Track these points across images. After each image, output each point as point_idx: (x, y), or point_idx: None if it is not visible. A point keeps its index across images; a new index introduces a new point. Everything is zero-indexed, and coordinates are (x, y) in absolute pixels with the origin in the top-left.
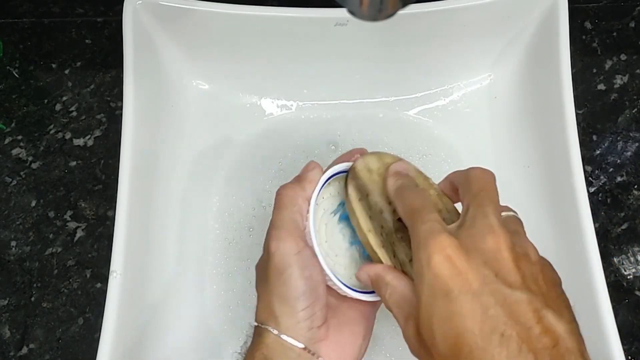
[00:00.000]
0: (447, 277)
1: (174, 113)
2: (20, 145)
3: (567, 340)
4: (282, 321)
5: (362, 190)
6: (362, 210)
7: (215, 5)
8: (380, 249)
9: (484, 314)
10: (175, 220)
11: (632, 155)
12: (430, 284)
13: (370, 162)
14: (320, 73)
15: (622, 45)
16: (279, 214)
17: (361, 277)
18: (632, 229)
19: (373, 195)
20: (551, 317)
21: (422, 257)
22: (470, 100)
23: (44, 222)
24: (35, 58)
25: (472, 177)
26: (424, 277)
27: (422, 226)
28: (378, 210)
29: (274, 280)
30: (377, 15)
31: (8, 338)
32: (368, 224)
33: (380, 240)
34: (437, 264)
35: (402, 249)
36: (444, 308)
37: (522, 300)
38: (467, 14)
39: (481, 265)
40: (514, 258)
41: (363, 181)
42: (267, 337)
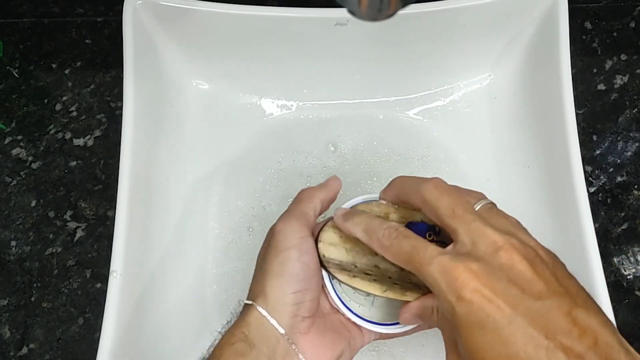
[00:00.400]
0: (479, 309)
1: (174, 113)
2: (20, 145)
3: (604, 334)
4: (270, 299)
5: (346, 266)
6: (362, 281)
7: (215, 5)
8: (405, 294)
9: (524, 335)
10: (175, 220)
11: (632, 155)
12: (464, 318)
13: (327, 237)
14: (320, 73)
15: (622, 45)
16: (294, 205)
17: (409, 320)
18: (632, 229)
19: (359, 260)
20: (582, 315)
21: (449, 295)
22: (470, 100)
23: (44, 222)
24: (35, 58)
25: (431, 198)
26: (456, 312)
27: (430, 268)
28: (373, 267)
29: (272, 258)
30: (377, 15)
31: (8, 338)
32: (377, 287)
33: (399, 288)
34: (467, 297)
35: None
36: (484, 339)
37: (552, 307)
38: (467, 14)
39: (507, 286)
40: (530, 266)
41: (339, 259)
42: (251, 314)
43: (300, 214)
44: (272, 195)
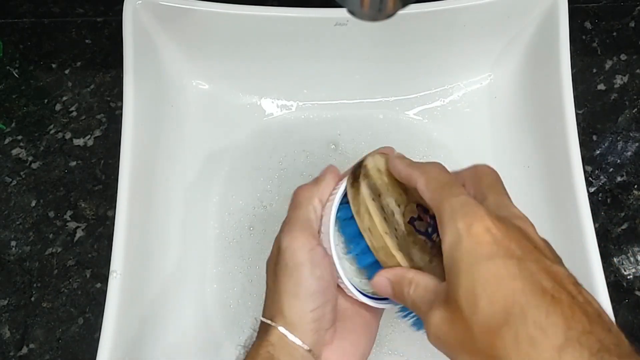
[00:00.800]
0: (489, 243)
1: (174, 113)
2: (20, 145)
3: (606, 315)
4: (290, 319)
5: (375, 190)
6: (377, 210)
7: (215, 5)
8: (398, 253)
9: (531, 276)
10: (176, 220)
11: (632, 155)
12: (472, 250)
13: (378, 161)
14: (320, 73)
15: (622, 45)
16: (294, 212)
17: (380, 283)
18: (632, 229)
19: (384, 196)
20: (587, 293)
21: (461, 225)
22: (470, 100)
23: (44, 222)
24: (35, 58)
25: (482, 172)
26: (463, 244)
27: (455, 198)
28: (390, 212)
29: (284, 278)
30: (377, 15)
31: (8, 338)
32: (384, 225)
33: (396, 244)
34: (479, 231)
35: (417, 253)
36: (490, 271)
37: (562, 272)
38: (467, 14)
39: (520, 238)
40: (542, 240)
41: (374, 181)
42: (273, 334)
43: (303, 222)
44: (273, 195)
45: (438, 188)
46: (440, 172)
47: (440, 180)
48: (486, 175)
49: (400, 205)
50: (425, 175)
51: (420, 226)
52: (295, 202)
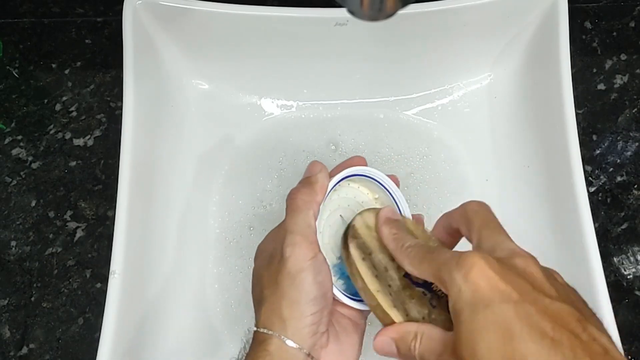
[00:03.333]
0: (486, 289)
1: (174, 113)
2: (20, 145)
3: (615, 352)
4: (289, 325)
5: (365, 249)
6: (367, 270)
7: (215, 5)
8: (392, 310)
9: (530, 320)
10: (176, 220)
11: (632, 155)
12: (470, 299)
13: (368, 218)
14: (320, 73)
15: (622, 45)
16: (294, 218)
17: (384, 343)
18: (632, 229)
19: (376, 253)
20: (594, 329)
21: (457, 276)
22: (470, 100)
23: (44, 222)
24: (35, 58)
25: (471, 210)
26: (462, 294)
27: (444, 256)
28: (383, 268)
29: (286, 285)
30: (377, 15)
31: (8, 338)
32: (375, 284)
33: (390, 300)
34: (475, 277)
35: (414, 307)
36: (487, 319)
37: (563, 309)
38: (467, 14)
39: (516, 277)
40: (545, 275)
41: (364, 239)
42: (270, 344)
43: (304, 228)
44: (273, 195)
45: (423, 261)
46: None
47: (422, 254)
48: (476, 213)
49: (393, 259)
50: (407, 256)
51: (417, 278)
52: (294, 206)
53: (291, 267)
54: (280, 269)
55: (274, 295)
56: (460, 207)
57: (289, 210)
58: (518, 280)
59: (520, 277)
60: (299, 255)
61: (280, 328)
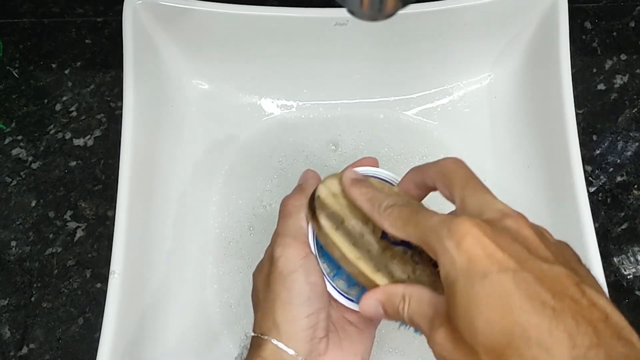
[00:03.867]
0: (482, 257)
1: (174, 113)
2: (20, 145)
3: (615, 314)
4: (283, 329)
5: (336, 218)
6: (342, 238)
7: (215, 5)
8: (376, 274)
9: (529, 289)
10: (175, 220)
11: (632, 155)
12: (465, 269)
13: (332, 185)
14: (320, 73)
15: (622, 45)
16: (285, 222)
17: (369, 306)
18: (632, 229)
19: (348, 220)
20: (592, 292)
21: (449, 244)
22: (470, 100)
23: (44, 222)
24: (35, 58)
25: (447, 168)
26: (456, 264)
27: (431, 220)
28: (358, 234)
29: (278, 286)
30: (377, 15)
31: (8, 338)
32: (354, 251)
33: (373, 265)
34: (469, 246)
35: (398, 267)
36: (484, 290)
37: (561, 273)
38: (467, 14)
39: (511, 242)
40: (538, 236)
41: (332, 208)
42: (265, 349)
43: (295, 231)
44: (273, 195)
45: (407, 223)
46: (401, 208)
47: (405, 216)
48: (455, 171)
49: (368, 222)
50: (386, 219)
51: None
52: (285, 212)
53: (282, 268)
54: (272, 271)
55: (267, 299)
56: (435, 164)
57: (280, 216)
58: (513, 245)
59: (515, 241)
60: (290, 256)
61: (274, 333)
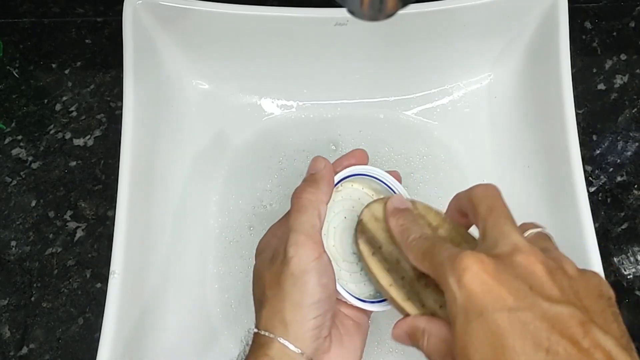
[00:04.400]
0: (479, 294)
1: (174, 113)
2: (20, 145)
3: (620, 356)
4: (291, 329)
5: (374, 244)
6: (378, 264)
7: (215, 5)
8: (407, 302)
9: (524, 329)
10: (175, 220)
11: (632, 155)
12: (463, 306)
13: (376, 210)
14: (320, 73)
15: (622, 45)
16: (298, 218)
17: (400, 336)
18: (632, 229)
19: (386, 246)
20: (597, 332)
21: (451, 280)
22: (470, 100)
23: (44, 222)
24: (35, 58)
25: (476, 197)
26: (457, 300)
27: (440, 255)
28: (394, 260)
29: (289, 286)
30: (377, 15)
31: (8, 338)
32: (387, 278)
33: (404, 293)
34: (468, 282)
35: (430, 296)
36: (480, 329)
37: (563, 313)
38: (467, 14)
39: (513, 279)
40: (547, 271)
41: (372, 233)
42: (271, 347)
43: (309, 228)
44: (273, 195)
45: (425, 257)
46: (423, 241)
47: (424, 249)
48: (481, 200)
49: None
50: (411, 250)
51: None
52: (299, 205)
53: (295, 268)
54: (283, 270)
55: (276, 297)
56: (467, 191)
57: (293, 209)
58: (515, 282)
59: (518, 278)
60: (303, 256)
61: (282, 331)
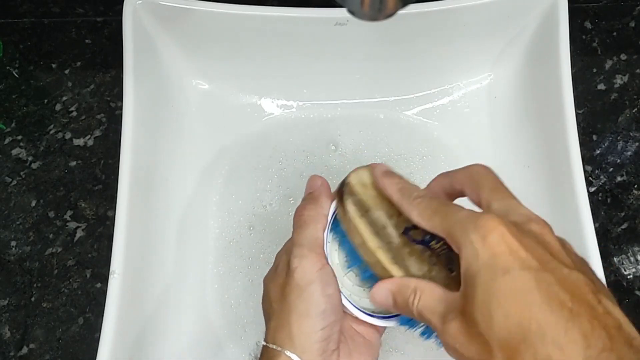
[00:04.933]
0: (505, 254)
1: (174, 113)
2: (20, 145)
3: (627, 325)
4: (298, 341)
5: (362, 206)
6: (366, 227)
7: (215, 5)
8: (393, 266)
9: (549, 289)
10: (175, 220)
11: (632, 155)
12: (488, 263)
13: (363, 175)
14: (320, 73)
15: (622, 45)
16: (301, 233)
17: (380, 294)
18: (632, 229)
19: (373, 211)
20: (607, 302)
21: (474, 237)
22: (470, 100)
23: (44, 222)
24: (35, 58)
25: (478, 174)
26: (479, 257)
27: (459, 214)
28: (381, 225)
29: (294, 298)
30: (377, 15)
31: (8, 338)
32: (375, 240)
33: (391, 257)
34: (494, 242)
35: (414, 264)
36: (506, 285)
37: (580, 280)
38: (467, 14)
39: (535, 245)
40: (560, 243)
41: (361, 196)
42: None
43: (311, 241)
44: (273, 195)
45: (434, 214)
46: (430, 199)
47: (433, 206)
48: (484, 176)
49: (392, 217)
50: (416, 207)
51: (416, 235)
52: (300, 222)
53: (299, 279)
54: (287, 282)
55: (282, 310)
56: (465, 169)
57: (296, 227)
58: (537, 247)
59: (538, 244)
60: (307, 267)
61: (288, 344)
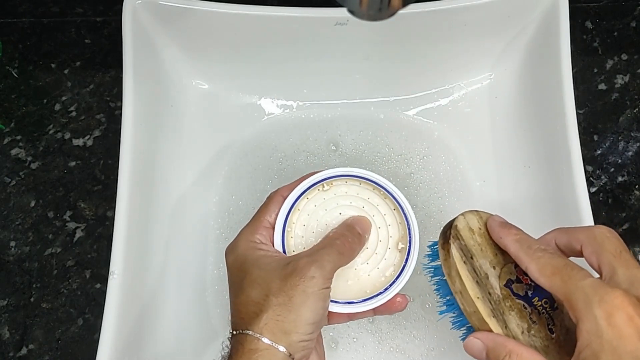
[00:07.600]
0: (633, 337)
1: (174, 113)
2: (19, 145)
3: None
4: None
5: (466, 252)
6: (468, 274)
7: (215, 5)
8: (491, 319)
9: None
10: (175, 221)
11: (633, 155)
12: (613, 345)
13: (471, 221)
14: (320, 73)
15: (623, 45)
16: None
17: (474, 347)
18: (633, 229)
19: (477, 258)
20: None
21: (599, 314)
22: (470, 100)
23: (43, 223)
24: (34, 58)
25: (602, 237)
26: (604, 337)
27: (583, 281)
28: (484, 274)
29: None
30: (377, 15)
31: (8, 338)
32: (475, 289)
33: (490, 309)
34: (621, 323)
35: (514, 319)
36: None
37: None
38: (467, 14)
39: None
40: None
41: (465, 241)
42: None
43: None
44: None
45: (556, 273)
46: (552, 256)
47: (555, 265)
48: (608, 240)
49: (495, 267)
50: (536, 262)
51: (519, 289)
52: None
53: (313, 288)
54: (297, 283)
55: (283, 307)
56: (587, 228)
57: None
58: None
59: None
60: (320, 280)
61: (280, 338)
